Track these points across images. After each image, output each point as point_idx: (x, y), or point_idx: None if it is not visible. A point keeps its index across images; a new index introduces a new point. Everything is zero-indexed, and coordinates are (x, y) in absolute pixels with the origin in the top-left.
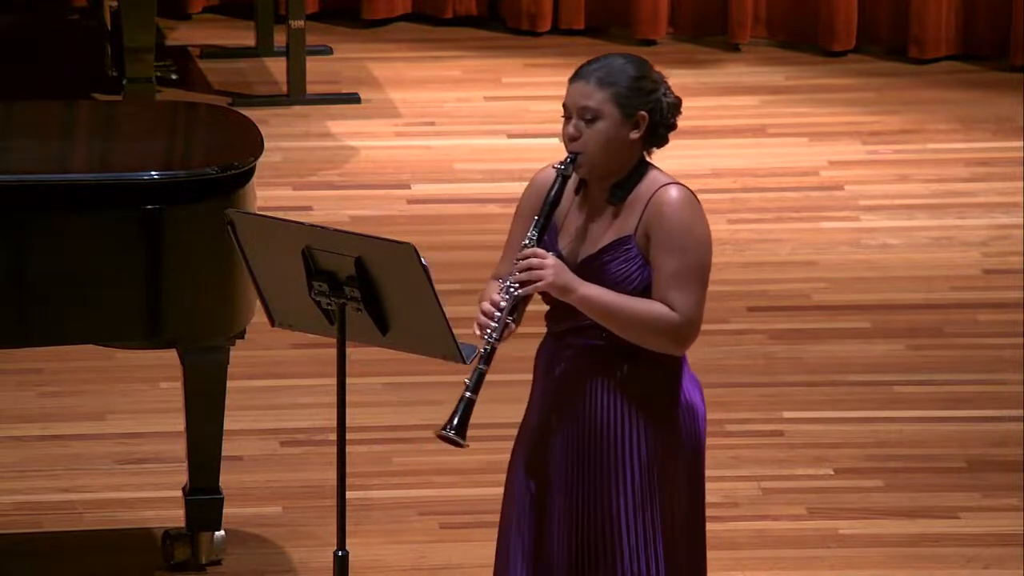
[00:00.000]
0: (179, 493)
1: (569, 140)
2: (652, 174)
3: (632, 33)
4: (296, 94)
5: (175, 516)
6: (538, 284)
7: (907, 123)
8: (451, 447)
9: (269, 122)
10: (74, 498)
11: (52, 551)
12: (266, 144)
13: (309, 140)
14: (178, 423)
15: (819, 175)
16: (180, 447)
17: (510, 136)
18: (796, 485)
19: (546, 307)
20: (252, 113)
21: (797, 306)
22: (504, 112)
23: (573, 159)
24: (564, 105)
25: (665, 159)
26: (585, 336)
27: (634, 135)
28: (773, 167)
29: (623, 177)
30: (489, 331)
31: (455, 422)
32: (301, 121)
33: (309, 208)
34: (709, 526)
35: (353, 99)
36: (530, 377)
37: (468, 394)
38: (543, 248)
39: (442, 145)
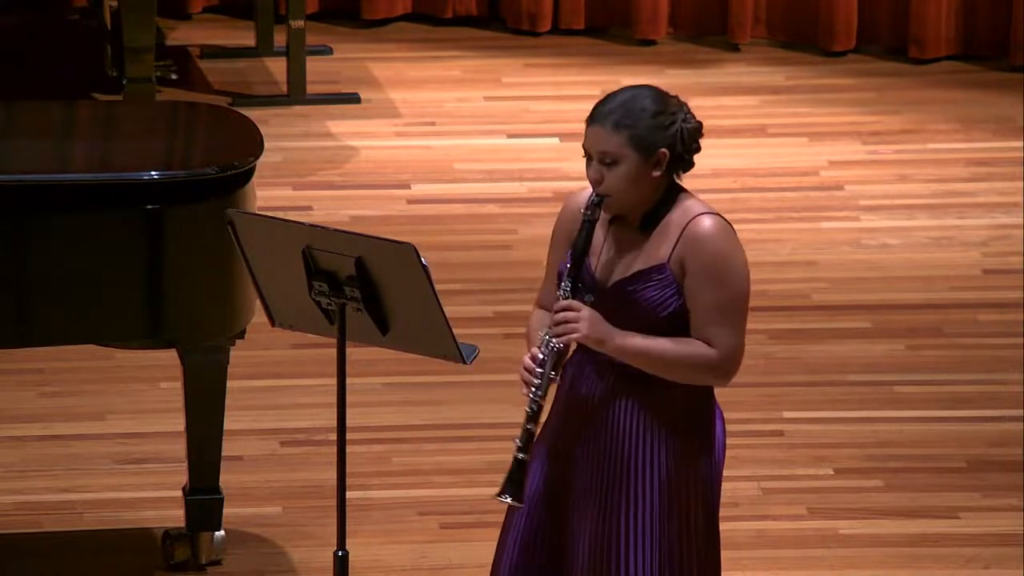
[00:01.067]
0: (179, 493)
1: (593, 183)
2: (685, 202)
3: (632, 33)
4: (296, 94)
5: (175, 516)
6: (574, 336)
7: (907, 123)
8: (452, 442)
9: (269, 122)
10: (74, 498)
11: (52, 551)
12: (266, 144)
13: (309, 140)
14: (178, 423)
15: (819, 175)
16: (180, 447)
17: (510, 136)
18: (796, 485)
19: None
20: (252, 113)
21: (797, 306)
22: (504, 112)
23: (599, 202)
24: (584, 147)
25: None
26: (615, 359)
27: (656, 173)
28: (773, 167)
29: (653, 205)
30: (534, 388)
31: (510, 486)
32: (301, 121)
33: (309, 208)
34: None
35: (353, 99)
36: None
37: (520, 455)
38: (578, 281)
39: (442, 145)
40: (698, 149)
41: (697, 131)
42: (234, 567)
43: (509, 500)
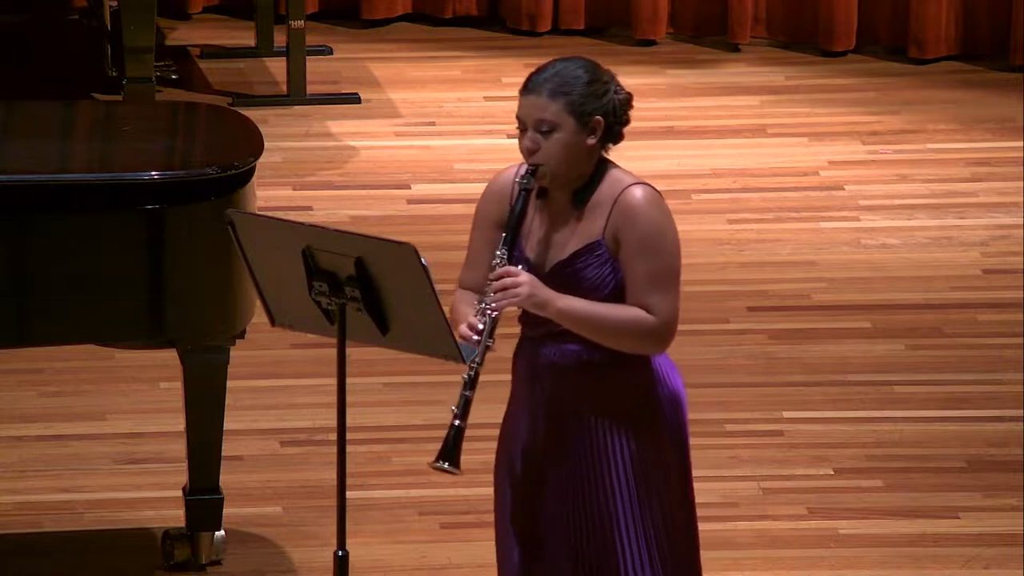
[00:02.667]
0: (179, 493)
1: (527, 153)
2: (613, 174)
3: (632, 33)
4: (296, 94)
5: (175, 516)
6: (513, 301)
7: (907, 123)
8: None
9: (269, 122)
10: (74, 498)
11: (52, 551)
12: (266, 144)
13: (309, 140)
14: (178, 423)
15: (819, 175)
16: (180, 447)
17: (510, 136)
18: (796, 485)
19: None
20: (252, 113)
21: (797, 306)
22: (504, 112)
23: (534, 171)
24: (518, 118)
25: (665, 159)
26: (562, 340)
27: (591, 141)
28: (773, 167)
29: (585, 181)
30: (472, 357)
31: (447, 452)
32: (301, 121)
33: (309, 208)
34: (709, 526)
35: (353, 99)
36: None
37: (457, 422)
38: (512, 257)
39: (442, 145)
40: (627, 121)
41: (627, 102)
42: (234, 567)
43: (446, 466)
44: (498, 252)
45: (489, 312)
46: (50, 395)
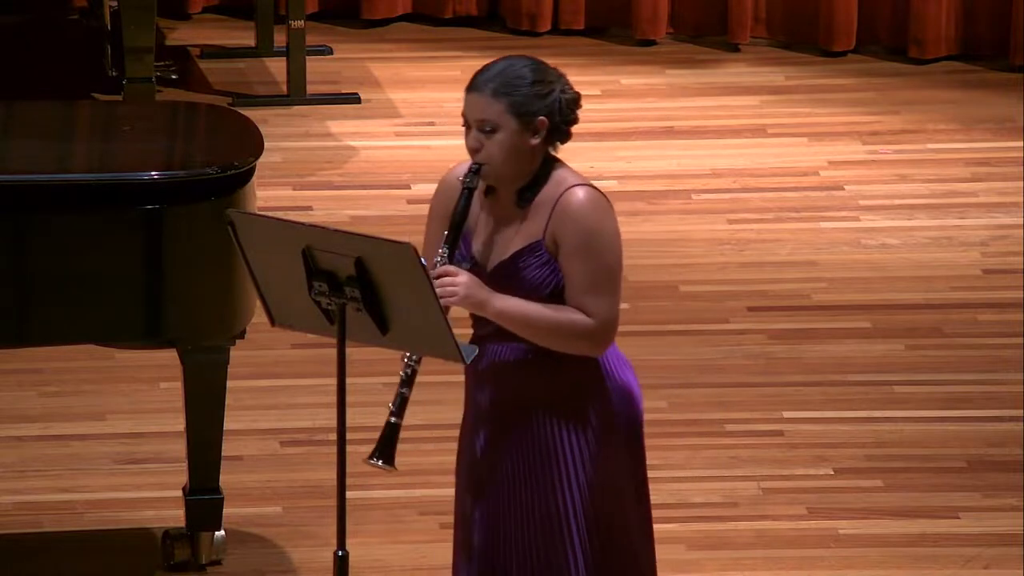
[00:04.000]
0: (179, 493)
1: (471, 152)
2: (558, 174)
3: (632, 33)
4: (296, 94)
5: (175, 516)
6: (451, 301)
7: (907, 123)
8: (452, 443)
9: (269, 122)
10: (74, 498)
11: (52, 551)
12: (266, 144)
13: (309, 140)
14: (178, 423)
15: (819, 175)
16: (180, 447)
17: None
18: (796, 485)
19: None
20: (252, 113)
21: (797, 306)
22: None
23: (477, 170)
24: (463, 115)
25: (665, 159)
26: (510, 338)
27: (534, 141)
28: (773, 167)
29: (529, 180)
30: (409, 354)
31: (381, 449)
32: (301, 121)
33: (309, 208)
34: (709, 526)
35: (353, 99)
36: None
37: (392, 419)
38: (459, 253)
39: (442, 145)
40: (575, 120)
41: (575, 101)
42: (234, 567)
43: (380, 463)
44: (439, 250)
45: None
46: (50, 395)
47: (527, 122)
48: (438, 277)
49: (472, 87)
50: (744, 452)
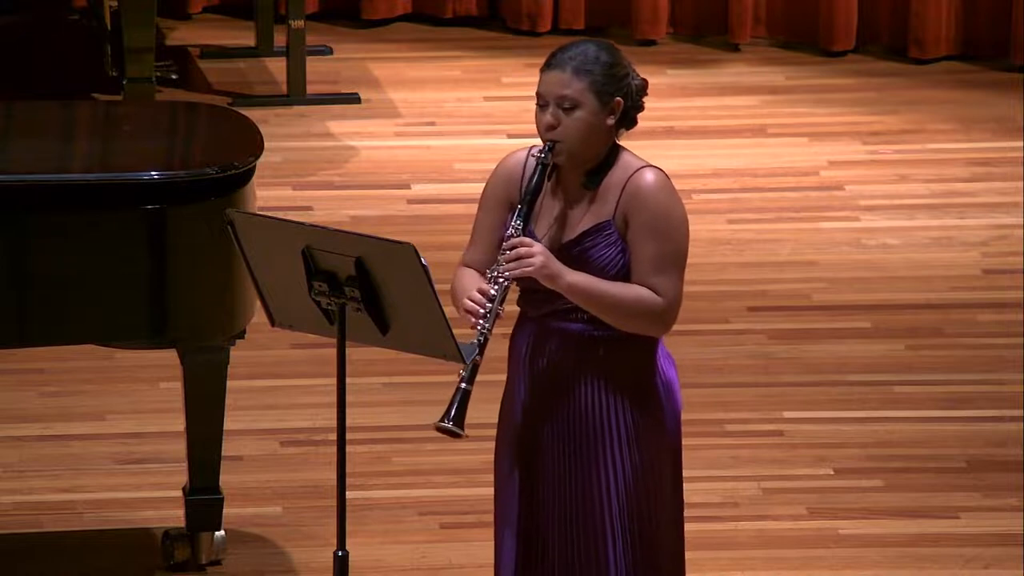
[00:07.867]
0: (179, 493)
1: (547, 129)
2: (624, 157)
3: (632, 33)
4: (296, 94)
5: (175, 516)
6: (527, 270)
7: (907, 123)
8: (452, 442)
9: (269, 122)
10: (74, 498)
11: (52, 551)
12: (266, 144)
13: (309, 140)
14: (178, 423)
15: (819, 175)
16: (180, 447)
17: (510, 136)
18: (796, 485)
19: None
20: (252, 113)
21: (797, 306)
22: (504, 112)
23: (551, 147)
24: (539, 94)
25: (665, 159)
26: (566, 319)
27: (610, 121)
28: (773, 167)
29: (598, 162)
30: (483, 321)
31: (453, 413)
32: (301, 121)
33: (309, 208)
34: (709, 526)
35: (353, 99)
36: None
37: (464, 385)
38: (525, 232)
39: (442, 145)
40: (642, 107)
41: (643, 88)
42: (234, 567)
43: (451, 425)
44: (512, 223)
45: (502, 279)
46: (50, 395)
47: (605, 102)
48: (512, 248)
49: (553, 64)
50: (744, 452)
